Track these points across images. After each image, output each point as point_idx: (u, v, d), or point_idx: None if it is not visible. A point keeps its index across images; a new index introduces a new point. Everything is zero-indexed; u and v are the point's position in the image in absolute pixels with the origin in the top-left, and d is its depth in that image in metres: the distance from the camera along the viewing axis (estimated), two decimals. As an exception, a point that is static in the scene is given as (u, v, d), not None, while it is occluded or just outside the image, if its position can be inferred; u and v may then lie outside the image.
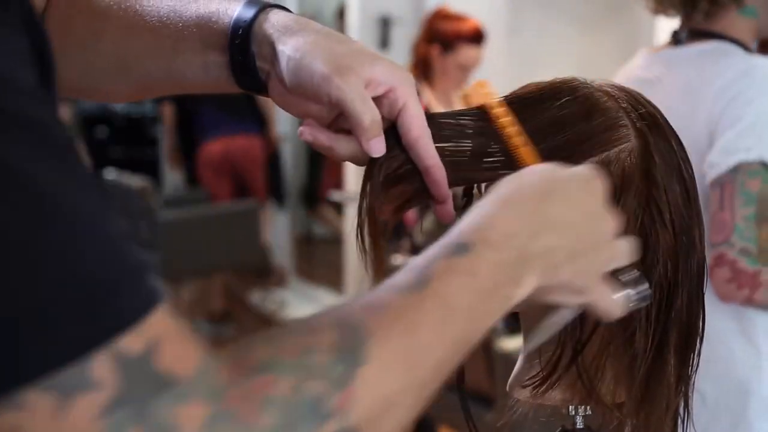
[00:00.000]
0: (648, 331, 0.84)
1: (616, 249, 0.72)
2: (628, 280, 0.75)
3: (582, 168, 0.75)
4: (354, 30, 4.91)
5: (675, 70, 1.67)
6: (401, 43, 4.49)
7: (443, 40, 3.39)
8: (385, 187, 0.80)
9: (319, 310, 0.60)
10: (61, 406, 0.47)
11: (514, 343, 2.46)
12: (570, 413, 0.88)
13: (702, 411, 1.60)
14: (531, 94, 0.87)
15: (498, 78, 3.26)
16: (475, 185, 0.93)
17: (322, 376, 0.54)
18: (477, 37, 3.40)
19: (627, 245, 0.73)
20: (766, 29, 1.72)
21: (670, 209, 0.84)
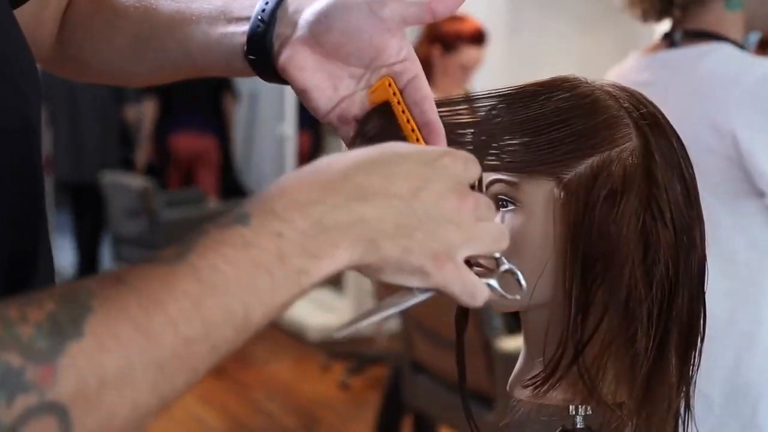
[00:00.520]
0: (649, 331, 0.84)
1: (471, 232, 0.67)
2: (494, 269, 0.72)
3: (433, 148, 0.71)
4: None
5: (675, 72, 1.66)
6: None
7: (444, 41, 3.39)
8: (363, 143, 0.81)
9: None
10: None
11: (514, 343, 2.46)
12: (570, 413, 0.88)
13: (709, 416, 1.59)
14: (529, 87, 0.87)
15: (498, 78, 3.26)
16: (476, 183, 0.94)
17: (22, 348, 0.52)
18: (478, 38, 3.41)
19: (492, 231, 0.68)
20: (754, 20, 1.70)
21: (671, 208, 0.84)
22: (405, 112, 0.80)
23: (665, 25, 1.75)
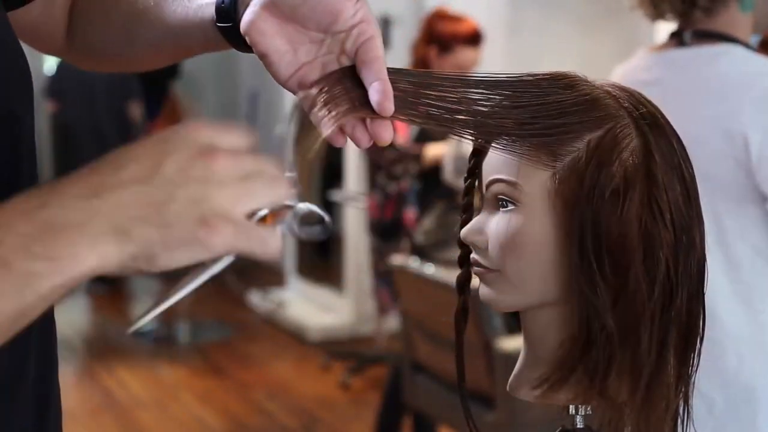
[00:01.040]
0: (651, 331, 0.84)
1: (238, 188, 0.64)
2: (287, 217, 0.69)
3: (165, 133, 0.67)
4: (354, 30, 4.89)
5: (684, 71, 1.65)
6: (401, 43, 4.49)
7: (441, 42, 3.39)
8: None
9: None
10: None
11: (514, 343, 2.45)
12: (570, 413, 0.88)
13: (709, 418, 1.59)
14: (528, 75, 0.87)
15: (498, 78, 3.25)
16: (476, 181, 0.94)
17: None
18: (474, 39, 3.41)
19: (266, 180, 0.66)
20: (761, 21, 1.70)
21: (671, 209, 0.84)
22: None
23: (666, 25, 1.74)
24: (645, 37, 3.83)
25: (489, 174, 0.89)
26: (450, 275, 2.56)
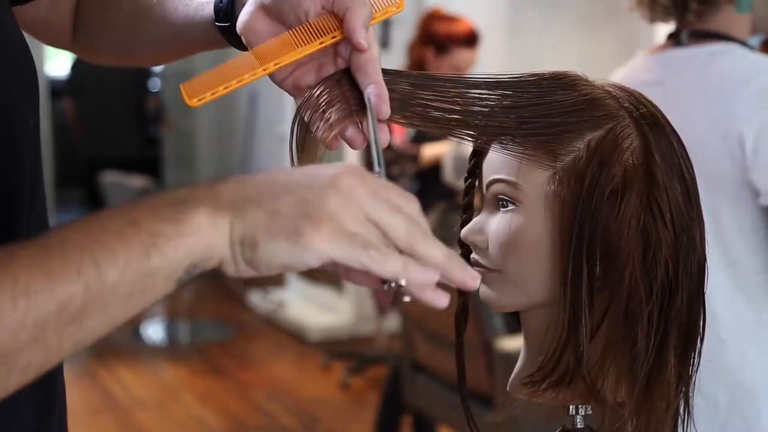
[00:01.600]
0: (649, 331, 0.84)
1: (361, 205, 0.65)
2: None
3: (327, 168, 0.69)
4: (354, 30, 4.89)
5: (682, 71, 1.65)
6: (401, 43, 4.49)
7: (437, 43, 3.39)
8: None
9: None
10: None
11: (514, 343, 2.45)
12: (570, 413, 0.88)
13: (715, 419, 1.59)
14: (528, 75, 0.87)
15: (498, 78, 3.25)
16: (476, 183, 0.94)
17: None
18: (470, 40, 3.40)
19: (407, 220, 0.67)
20: (760, 22, 1.70)
21: (671, 209, 0.84)
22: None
23: (667, 26, 1.74)
24: (644, 38, 3.83)
25: (489, 174, 0.89)
26: (450, 275, 2.55)
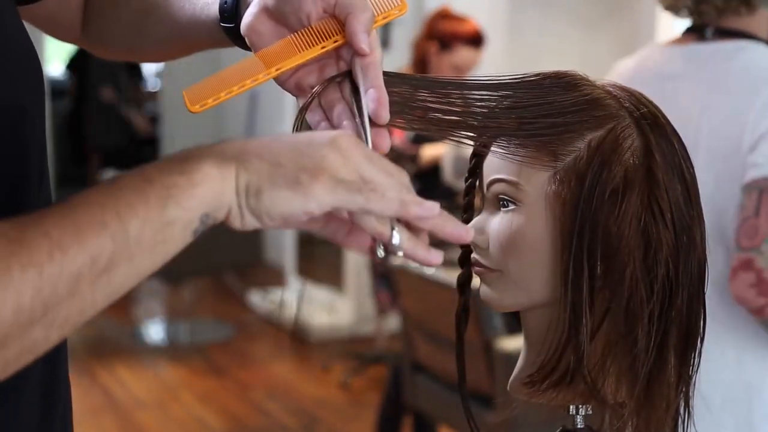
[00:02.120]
0: (650, 331, 0.84)
1: (359, 167, 0.69)
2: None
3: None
4: (354, 30, 4.89)
5: (705, 65, 1.64)
6: (401, 43, 4.49)
7: (441, 39, 3.39)
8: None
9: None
10: None
11: (514, 343, 2.45)
12: (570, 413, 0.88)
13: (705, 415, 1.59)
14: (529, 75, 0.87)
15: (498, 78, 3.25)
16: (477, 181, 0.94)
17: None
18: (475, 40, 3.40)
19: (395, 182, 0.70)
20: None
21: (671, 209, 0.84)
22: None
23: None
24: (645, 37, 3.84)
25: (490, 173, 0.89)
26: (450, 275, 2.55)
